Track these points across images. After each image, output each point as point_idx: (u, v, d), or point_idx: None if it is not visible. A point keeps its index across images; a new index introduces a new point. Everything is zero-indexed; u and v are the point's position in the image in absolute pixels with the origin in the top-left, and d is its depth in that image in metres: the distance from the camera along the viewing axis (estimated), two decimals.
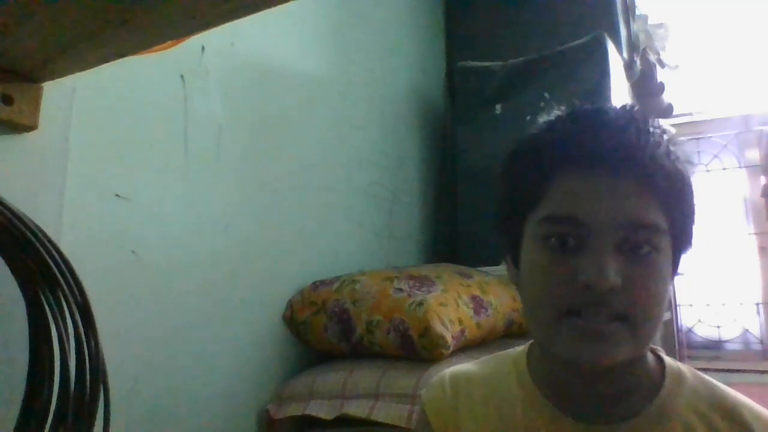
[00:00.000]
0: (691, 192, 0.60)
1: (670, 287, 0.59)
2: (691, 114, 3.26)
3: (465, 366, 0.72)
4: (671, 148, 0.58)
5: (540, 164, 0.60)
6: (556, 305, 0.56)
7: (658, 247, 0.56)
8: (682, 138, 0.61)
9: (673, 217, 0.57)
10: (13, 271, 0.74)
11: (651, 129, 0.58)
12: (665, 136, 0.58)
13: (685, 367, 0.63)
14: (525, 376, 0.66)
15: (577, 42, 1.74)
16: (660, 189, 0.56)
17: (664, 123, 0.61)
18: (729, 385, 0.64)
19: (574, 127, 0.60)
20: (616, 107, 0.61)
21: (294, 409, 1.16)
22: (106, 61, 0.81)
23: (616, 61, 1.76)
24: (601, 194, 0.56)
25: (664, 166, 0.56)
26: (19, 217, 0.73)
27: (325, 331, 1.25)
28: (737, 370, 2.95)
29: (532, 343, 0.68)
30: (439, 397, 0.70)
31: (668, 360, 0.64)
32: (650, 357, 0.63)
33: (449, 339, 1.13)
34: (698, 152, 3.47)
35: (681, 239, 0.59)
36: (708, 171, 3.44)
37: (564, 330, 0.56)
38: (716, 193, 3.37)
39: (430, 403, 0.71)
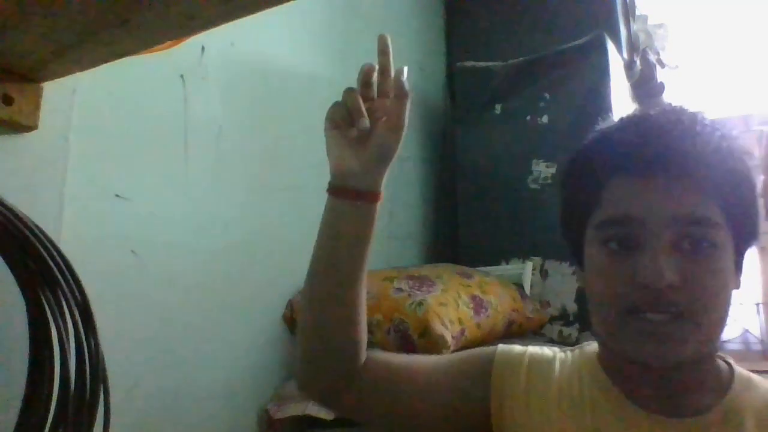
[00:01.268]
0: (749, 184, 0.61)
1: (734, 281, 0.60)
2: None
3: (544, 350, 0.72)
4: (723, 143, 0.59)
5: (592, 174, 0.63)
6: (618, 305, 0.58)
7: (715, 242, 0.57)
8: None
9: (729, 211, 0.58)
10: (13, 271, 0.74)
11: (698, 128, 0.59)
12: (716, 133, 0.59)
13: (755, 375, 0.64)
14: (596, 365, 0.66)
15: (577, 42, 1.74)
16: (712, 185, 0.57)
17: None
18: None
19: (621, 136, 0.62)
20: (664, 110, 0.62)
21: (294, 409, 1.16)
22: (106, 61, 0.81)
23: (616, 61, 1.76)
24: (652, 194, 0.58)
25: (714, 163, 0.58)
26: (19, 217, 0.73)
27: None
28: None
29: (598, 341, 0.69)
30: (512, 363, 0.69)
31: (738, 368, 0.65)
32: (720, 363, 0.64)
33: (449, 339, 1.13)
34: None
35: (742, 233, 0.60)
36: None
37: (628, 329, 0.57)
38: None
39: (503, 360, 0.70)
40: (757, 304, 3.19)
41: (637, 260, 0.57)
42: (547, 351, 0.72)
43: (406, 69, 0.66)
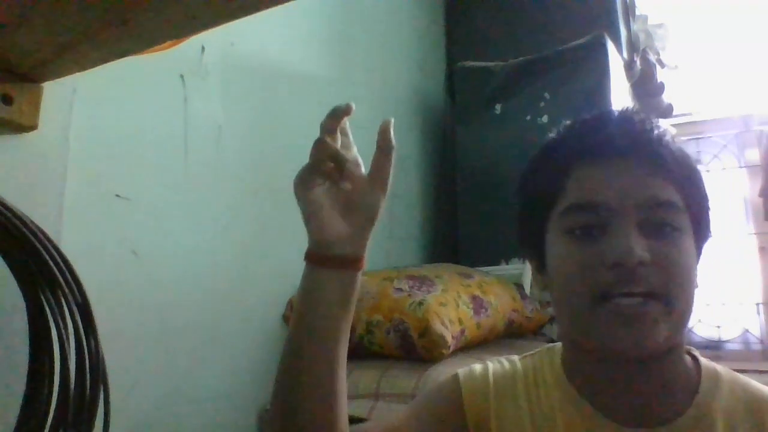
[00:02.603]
0: (701, 178, 0.62)
1: (696, 274, 0.59)
2: (691, 114, 3.26)
3: (504, 364, 0.70)
4: (674, 140, 0.61)
5: (555, 163, 0.62)
6: (589, 291, 0.56)
7: (679, 226, 0.57)
8: (683, 138, 0.64)
9: (688, 198, 0.59)
10: (13, 271, 0.74)
11: (654, 122, 0.61)
12: (667, 131, 0.61)
13: (720, 367, 0.63)
14: (561, 377, 0.64)
15: (577, 42, 1.74)
16: (672, 170, 0.58)
17: (664, 123, 0.64)
18: None
19: (583, 126, 0.64)
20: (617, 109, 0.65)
21: None
22: (106, 61, 0.81)
23: (616, 61, 1.76)
24: (617, 178, 0.58)
25: (673, 150, 0.60)
26: (19, 217, 0.73)
27: None
28: (737, 370, 2.95)
29: (564, 343, 0.67)
30: (479, 388, 0.67)
31: (703, 360, 0.64)
32: (686, 357, 0.63)
33: (449, 339, 1.13)
34: (698, 152, 3.47)
35: (700, 224, 0.61)
36: (708, 171, 3.44)
37: (601, 316, 0.55)
38: (716, 193, 3.37)
39: (470, 387, 0.67)
40: (757, 304, 3.19)
41: (605, 243, 0.56)
42: (506, 365, 0.70)
43: (392, 121, 0.62)
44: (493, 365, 0.70)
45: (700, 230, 0.61)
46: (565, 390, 0.63)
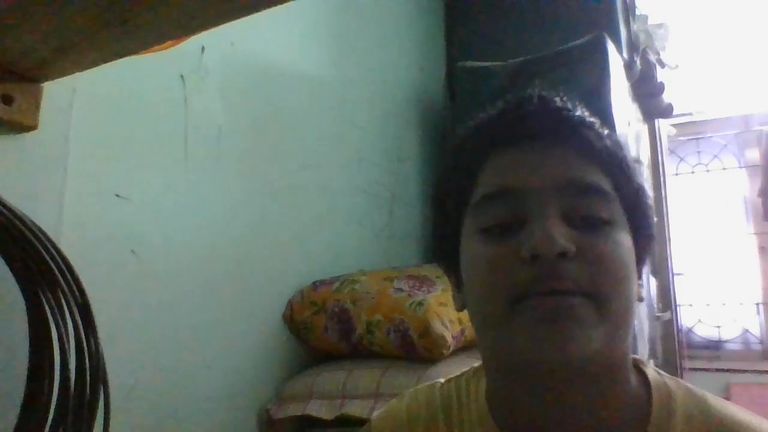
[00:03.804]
0: (634, 166, 0.53)
1: (636, 277, 0.50)
2: (691, 114, 3.27)
3: (419, 398, 0.61)
4: (602, 127, 0.53)
5: (468, 154, 0.54)
6: (503, 294, 0.46)
7: (611, 218, 0.48)
8: (682, 138, 0.58)
9: (620, 186, 0.51)
10: (13, 271, 0.74)
11: (577, 106, 0.54)
12: (592, 116, 0.54)
13: (672, 383, 0.52)
14: (485, 413, 0.55)
15: (577, 42, 1.74)
16: (599, 154, 0.50)
17: (664, 123, 0.59)
18: (729, 385, 0.61)
19: (496, 110, 0.55)
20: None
21: (294, 409, 1.16)
22: (106, 61, 0.81)
23: (616, 61, 1.76)
24: (534, 161, 0.49)
25: (600, 134, 0.52)
26: (19, 217, 0.73)
27: (325, 331, 1.25)
28: (737, 370, 2.96)
29: (486, 371, 0.57)
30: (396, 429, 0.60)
31: (652, 376, 0.53)
32: (633, 379, 0.52)
33: (449, 339, 1.13)
34: (698, 152, 3.48)
35: (636, 218, 0.52)
36: (708, 171, 3.45)
37: (517, 319, 0.45)
38: (716, 193, 3.37)
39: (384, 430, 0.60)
40: (757, 304, 3.20)
41: (522, 235, 0.46)
42: (422, 397, 0.60)
43: None
44: (408, 401, 0.61)
45: (637, 226, 0.51)
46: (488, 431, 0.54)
